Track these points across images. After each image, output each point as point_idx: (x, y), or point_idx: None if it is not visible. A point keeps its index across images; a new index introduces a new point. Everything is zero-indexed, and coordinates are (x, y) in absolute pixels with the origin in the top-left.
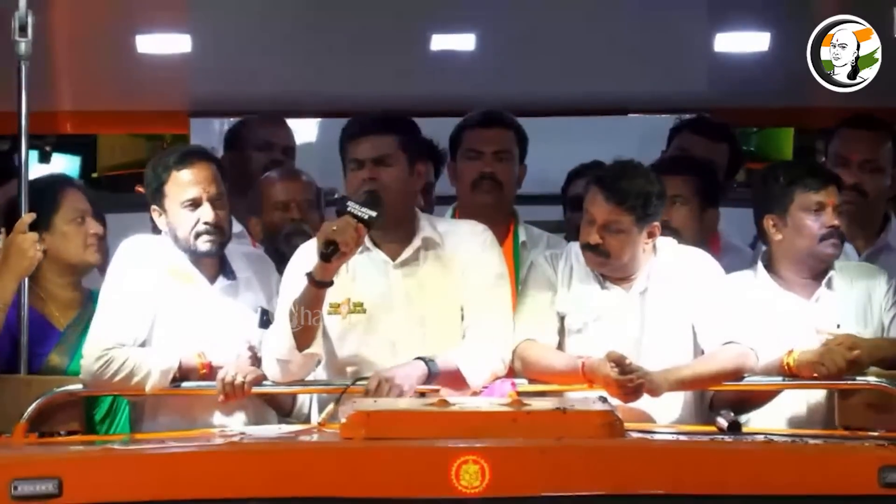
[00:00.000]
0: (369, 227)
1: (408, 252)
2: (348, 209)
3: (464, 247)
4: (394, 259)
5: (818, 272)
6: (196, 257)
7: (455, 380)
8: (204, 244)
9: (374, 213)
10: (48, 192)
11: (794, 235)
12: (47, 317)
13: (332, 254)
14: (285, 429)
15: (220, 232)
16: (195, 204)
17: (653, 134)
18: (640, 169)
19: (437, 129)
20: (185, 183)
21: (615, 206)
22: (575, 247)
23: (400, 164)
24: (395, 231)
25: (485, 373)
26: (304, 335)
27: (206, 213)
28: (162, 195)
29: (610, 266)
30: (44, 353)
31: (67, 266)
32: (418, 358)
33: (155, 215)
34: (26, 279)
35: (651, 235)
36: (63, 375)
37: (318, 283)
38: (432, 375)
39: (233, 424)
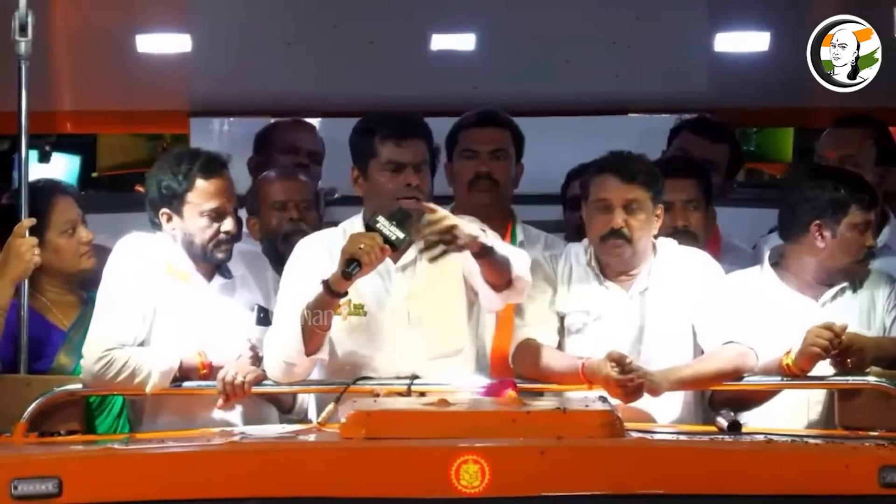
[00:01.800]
0: (394, 249)
1: (410, 255)
2: (378, 226)
3: None
4: (395, 261)
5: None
6: (206, 261)
7: (498, 268)
8: (221, 253)
9: (402, 236)
10: (38, 207)
11: (837, 249)
12: (51, 320)
13: (353, 271)
14: (285, 429)
15: (234, 240)
16: (219, 215)
17: (653, 134)
18: (636, 154)
19: (437, 130)
20: (210, 193)
21: (631, 184)
22: (574, 247)
23: (429, 168)
24: None
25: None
26: (313, 340)
27: (228, 223)
28: (182, 202)
29: (629, 252)
30: (51, 355)
31: (63, 275)
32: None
33: (164, 219)
34: (25, 282)
35: (658, 218)
36: (72, 375)
37: (334, 293)
38: (487, 248)
39: (231, 418)
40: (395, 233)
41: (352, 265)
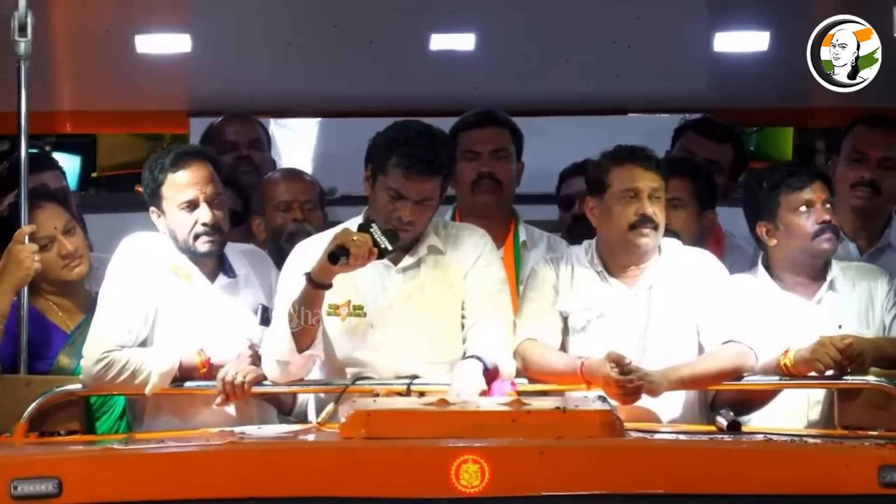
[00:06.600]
0: (380, 256)
1: (411, 259)
2: (371, 231)
3: (465, 252)
4: (396, 264)
5: (817, 272)
6: (196, 257)
7: (493, 375)
8: (203, 245)
9: (390, 248)
10: (17, 221)
11: (787, 238)
12: (54, 321)
13: (339, 256)
14: (285, 429)
15: (218, 232)
16: (192, 205)
17: (653, 133)
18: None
19: None
20: (181, 185)
21: (653, 172)
22: (575, 249)
23: (436, 201)
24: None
25: (510, 364)
26: (303, 336)
27: (204, 214)
28: (159, 198)
29: (654, 241)
30: (52, 356)
31: (57, 283)
32: (469, 357)
33: (154, 217)
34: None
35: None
36: (73, 376)
37: (317, 284)
38: (487, 371)
39: (231, 418)
40: (384, 242)
41: (339, 250)
